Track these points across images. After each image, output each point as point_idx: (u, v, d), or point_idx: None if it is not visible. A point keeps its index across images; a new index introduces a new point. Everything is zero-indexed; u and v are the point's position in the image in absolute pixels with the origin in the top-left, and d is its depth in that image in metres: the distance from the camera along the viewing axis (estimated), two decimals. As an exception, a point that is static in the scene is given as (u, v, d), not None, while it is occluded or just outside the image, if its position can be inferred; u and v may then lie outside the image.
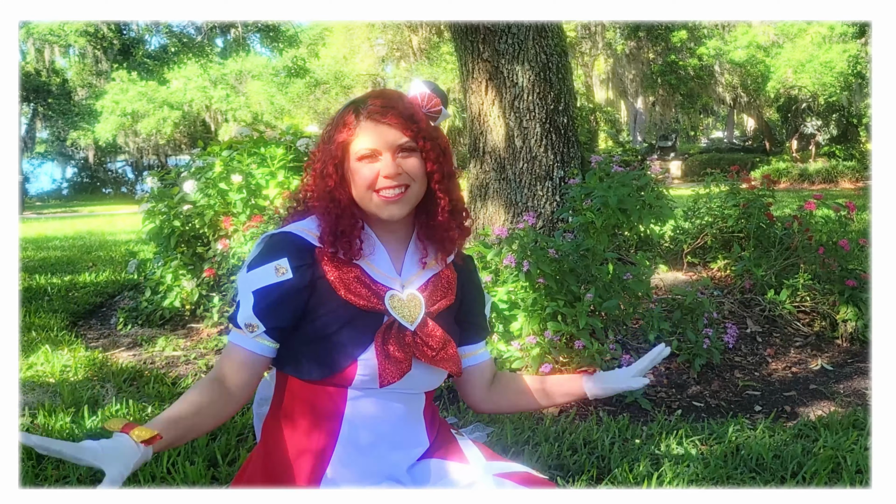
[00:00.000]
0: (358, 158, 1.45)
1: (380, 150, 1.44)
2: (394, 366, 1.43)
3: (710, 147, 34.49)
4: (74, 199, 34.18)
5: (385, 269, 1.51)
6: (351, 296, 1.44)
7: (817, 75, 23.33)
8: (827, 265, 4.21)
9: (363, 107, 1.47)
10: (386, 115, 1.45)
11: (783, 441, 2.62)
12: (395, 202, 1.45)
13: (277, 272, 1.42)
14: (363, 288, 1.46)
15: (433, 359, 1.48)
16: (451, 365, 1.52)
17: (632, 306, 3.55)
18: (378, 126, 1.45)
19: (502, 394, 1.72)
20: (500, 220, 4.45)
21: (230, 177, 4.38)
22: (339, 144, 1.46)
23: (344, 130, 1.46)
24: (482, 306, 1.72)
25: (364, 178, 1.45)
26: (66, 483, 2.27)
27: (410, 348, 1.46)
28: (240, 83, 30.74)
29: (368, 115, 1.45)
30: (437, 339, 1.50)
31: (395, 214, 1.47)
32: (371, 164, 1.45)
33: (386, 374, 1.43)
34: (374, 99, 1.49)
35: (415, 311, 1.50)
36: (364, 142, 1.45)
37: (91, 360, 3.69)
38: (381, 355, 1.42)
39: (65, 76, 34.61)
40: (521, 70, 4.36)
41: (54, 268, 7.33)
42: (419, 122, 1.48)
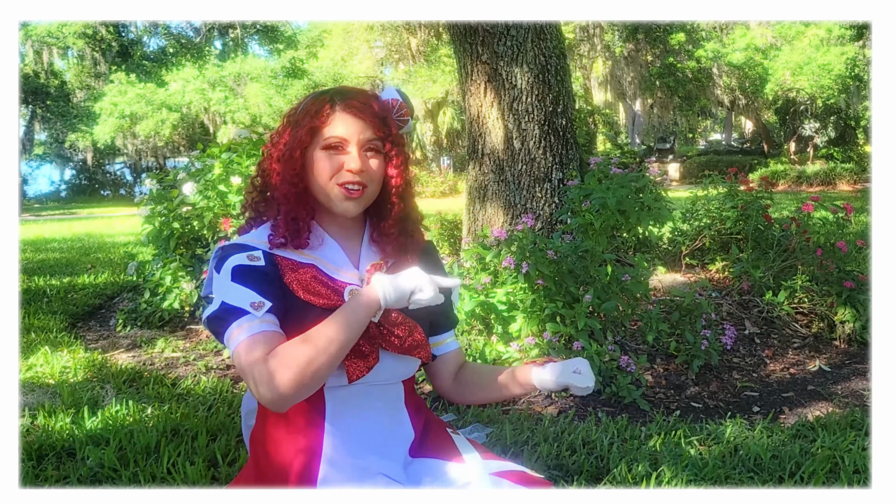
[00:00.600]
0: (324, 147, 1.46)
1: (349, 142, 1.46)
2: (360, 360, 1.43)
3: (709, 149, 34.54)
4: (73, 201, 34.18)
5: (340, 264, 1.52)
6: (310, 296, 1.45)
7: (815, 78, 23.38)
8: (825, 267, 4.22)
9: (340, 98, 1.48)
10: (363, 111, 1.47)
11: (781, 441, 2.63)
12: (353, 199, 1.47)
13: (251, 259, 1.42)
14: (321, 286, 1.47)
15: (400, 347, 1.49)
16: (420, 351, 1.53)
17: (630, 307, 3.56)
18: (353, 119, 1.46)
19: (464, 385, 1.71)
20: (498, 222, 4.46)
21: (229, 179, 4.38)
22: (308, 129, 1.46)
23: (316, 117, 1.46)
24: (448, 294, 1.72)
25: (327, 167, 1.45)
26: (67, 483, 2.27)
27: (376, 340, 1.46)
28: (238, 85, 30.74)
29: (345, 106, 1.47)
30: (402, 326, 1.51)
31: (351, 211, 1.49)
32: (336, 156, 1.46)
33: (353, 370, 1.43)
34: (351, 93, 1.51)
35: None
36: (335, 130, 1.46)
37: (90, 361, 3.69)
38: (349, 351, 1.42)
39: (63, 78, 34.59)
40: (519, 72, 4.38)
41: (53, 269, 7.33)
42: (390, 127, 1.51)
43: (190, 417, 2.78)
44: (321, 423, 1.47)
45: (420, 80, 25.98)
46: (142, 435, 2.55)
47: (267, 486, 1.47)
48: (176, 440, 2.56)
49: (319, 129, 1.46)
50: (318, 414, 1.47)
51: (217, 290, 1.42)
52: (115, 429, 2.63)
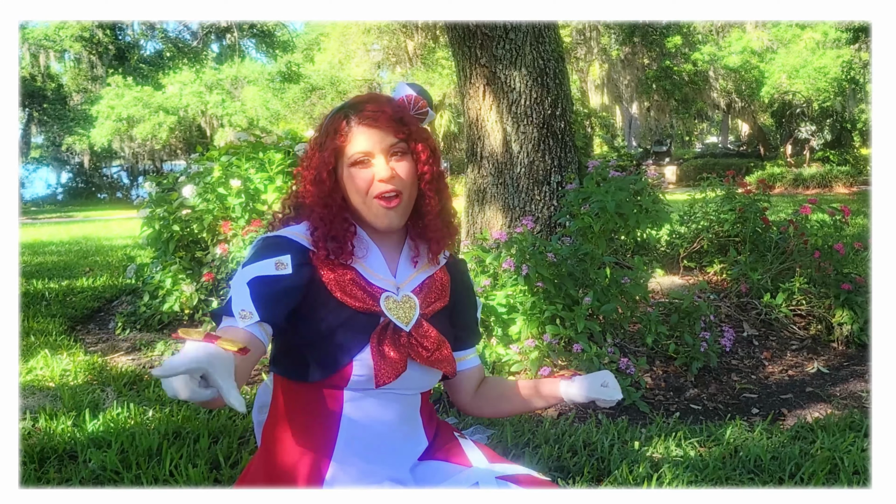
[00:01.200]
0: (351, 164, 1.46)
1: (373, 154, 1.46)
2: (389, 366, 1.44)
3: (705, 152, 34.59)
4: (70, 204, 34.11)
5: (380, 271, 1.53)
6: (346, 297, 1.46)
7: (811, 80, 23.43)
8: (822, 269, 4.24)
9: (354, 112, 1.48)
10: (378, 119, 1.46)
11: (781, 443, 2.64)
12: (393, 209, 1.47)
13: (277, 266, 1.42)
14: (358, 290, 1.47)
15: (428, 359, 1.50)
16: (446, 366, 1.54)
17: (629, 310, 3.58)
18: (370, 130, 1.46)
19: (486, 399, 1.73)
20: (497, 225, 4.47)
21: (229, 181, 4.39)
22: (331, 151, 1.47)
23: (337, 137, 1.47)
24: (474, 311, 1.74)
25: (360, 183, 1.46)
26: (69, 485, 2.27)
27: (406, 349, 1.47)
28: (235, 88, 30.74)
29: (360, 119, 1.47)
30: (432, 339, 1.51)
31: (394, 224, 1.49)
32: (365, 170, 1.46)
33: (382, 375, 1.43)
34: (364, 104, 1.50)
35: (410, 312, 1.51)
36: (358, 146, 1.46)
37: (90, 364, 3.70)
38: (377, 356, 1.43)
39: (60, 81, 34.55)
40: (518, 75, 4.39)
41: (51, 273, 7.33)
42: (409, 125, 1.50)
43: (191, 420, 2.79)
44: (336, 425, 1.47)
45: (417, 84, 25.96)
46: (143, 437, 2.55)
47: (275, 481, 1.48)
48: (178, 443, 2.56)
49: (342, 147, 1.47)
50: (334, 416, 1.47)
51: (235, 281, 1.40)
52: (116, 431, 2.64)
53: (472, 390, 1.73)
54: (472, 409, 1.75)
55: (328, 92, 27.07)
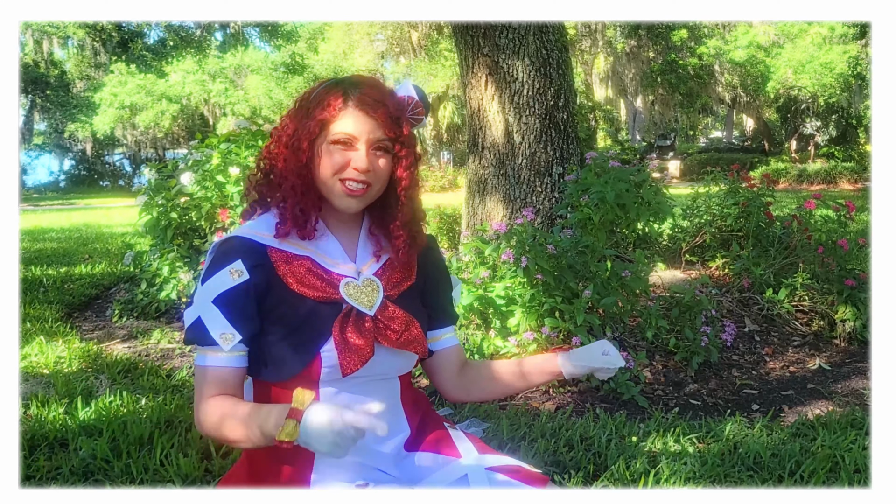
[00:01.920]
0: (333, 141, 1.42)
1: (358, 140, 1.42)
2: (354, 354, 1.41)
3: (709, 147, 34.50)
4: (72, 191, 34.12)
5: (337, 257, 1.50)
6: (304, 289, 1.43)
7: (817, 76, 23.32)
8: (826, 265, 4.20)
9: (354, 92, 1.43)
10: (376, 109, 1.42)
11: (781, 440, 2.61)
12: (355, 196, 1.44)
13: (232, 275, 1.39)
14: (315, 279, 1.44)
15: (397, 341, 1.47)
16: (417, 346, 1.50)
17: (630, 303, 3.54)
18: (365, 117, 1.42)
19: (474, 380, 1.69)
20: (498, 216, 4.43)
21: (227, 169, 4.35)
22: (318, 121, 1.42)
23: (327, 109, 1.42)
24: (448, 290, 1.70)
25: (333, 163, 1.42)
26: (58, 474, 2.24)
27: (371, 333, 1.44)
28: (238, 77, 30.68)
29: (358, 103, 1.42)
30: (399, 321, 1.48)
31: (352, 208, 1.46)
32: (344, 152, 1.42)
33: (346, 363, 1.40)
34: (365, 87, 1.45)
35: (373, 296, 1.48)
36: (345, 126, 1.41)
37: (86, 351, 3.67)
38: (340, 344, 1.40)
39: (63, 68, 34.53)
40: (521, 65, 4.34)
41: (50, 259, 7.31)
42: (402, 127, 1.47)
43: (184, 409, 2.76)
44: None
45: (421, 75, 25.93)
46: (135, 426, 2.52)
47: (260, 480, 1.44)
48: (169, 432, 2.53)
49: (329, 122, 1.42)
50: None
51: (198, 300, 1.41)
52: (108, 420, 2.61)
53: (454, 372, 1.68)
54: (458, 393, 1.71)
55: (332, 82, 26.96)
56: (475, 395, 1.74)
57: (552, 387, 3.16)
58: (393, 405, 1.54)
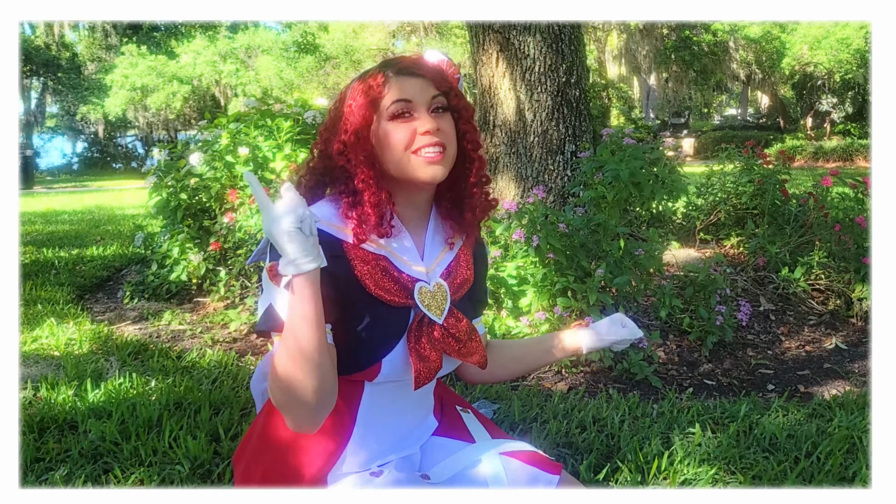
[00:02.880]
0: (390, 117, 1.34)
1: (414, 104, 1.34)
2: (426, 366, 1.35)
3: (724, 124, 34.20)
4: (84, 173, 34.22)
5: (410, 257, 1.42)
6: (380, 291, 1.34)
7: (833, 52, 23.05)
8: (842, 243, 4.13)
9: (391, 67, 1.38)
10: (419, 67, 1.37)
11: (797, 420, 2.57)
12: (436, 163, 1.34)
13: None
14: (391, 282, 1.36)
15: (459, 352, 1.41)
16: (478, 357, 1.45)
17: (643, 283, 3.49)
18: (410, 79, 1.35)
19: (497, 362, 1.64)
20: (510, 195, 4.38)
21: (237, 149, 4.32)
22: (368, 104, 1.35)
23: (372, 90, 1.35)
24: (485, 279, 1.66)
25: (400, 138, 1.33)
26: (68, 455, 2.24)
27: (440, 343, 1.38)
28: (249, 58, 30.60)
29: (398, 70, 1.36)
30: (462, 330, 1.42)
31: (438, 175, 1.36)
32: (406, 123, 1.34)
33: (421, 377, 1.35)
34: (400, 60, 1.40)
35: (442, 302, 1.42)
36: (397, 94, 1.34)
37: (96, 333, 3.66)
38: (416, 356, 1.34)
39: (74, 50, 34.56)
40: (532, 42, 4.28)
41: (62, 241, 7.32)
42: (449, 80, 1.41)
43: (193, 391, 2.74)
44: (353, 416, 1.41)
45: (432, 53, 25.77)
46: (144, 408, 2.51)
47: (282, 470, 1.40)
48: (178, 413, 2.52)
49: (379, 99, 1.34)
50: (352, 406, 1.41)
51: (268, 286, 1.29)
52: (117, 402, 2.60)
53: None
54: (481, 376, 1.66)
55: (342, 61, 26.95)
56: (499, 376, 1.71)
57: (564, 367, 3.13)
58: (427, 404, 1.54)
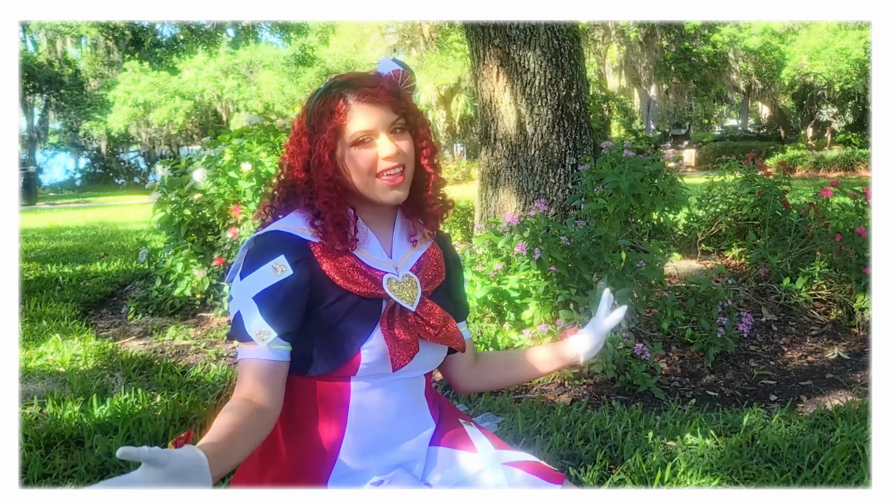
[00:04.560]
0: (353, 143, 1.41)
1: (376, 132, 1.41)
2: (403, 349, 1.41)
3: (724, 135, 34.22)
4: (87, 189, 34.27)
5: (377, 254, 1.49)
6: (349, 284, 1.41)
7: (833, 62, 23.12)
8: (844, 253, 4.14)
9: (350, 90, 1.42)
10: (378, 95, 1.42)
11: (799, 431, 2.58)
12: (397, 185, 1.43)
13: (276, 271, 1.36)
14: (359, 275, 1.43)
15: (436, 336, 1.46)
16: (456, 341, 1.51)
17: (645, 294, 3.51)
18: (371, 108, 1.41)
19: (489, 368, 1.70)
20: (511, 208, 4.41)
21: (240, 165, 4.35)
22: (331, 132, 1.41)
23: (334, 117, 1.41)
24: (462, 283, 1.71)
25: (363, 163, 1.41)
26: (74, 471, 2.25)
27: (415, 329, 1.44)
28: (251, 73, 30.73)
29: (359, 97, 1.41)
30: (437, 316, 1.48)
31: (400, 197, 1.45)
32: (368, 149, 1.41)
33: (397, 358, 1.40)
34: (358, 81, 1.45)
35: (412, 291, 1.48)
36: (359, 124, 1.40)
37: (101, 349, 3.68)
38: (390, 340, 1.40)
39: (77, 67, 34.69)
40: (532, 56, 4.31)
41: (66, 257, 7.35)
42: (406, 100, 1.46)
43: (198, 405, 2.76)
44: (343, 417, 1.43)
45: (432, 67, 25.87)
46: (150, 423, 2.53)
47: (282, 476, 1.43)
48: (184, 428, 2.53)
49: (341, 127, 1.41)
50: (342, 406, 1.43)
51: (237, 295, 1.38)
52: (123, 417, 2.61)
53: (469, 364, 1.69)
54: (471, 383, 1.71)
55: (344, 76, 26.96)
56: (490, 382, 1.75)
57: (567, 379, 3.14)
58: (419, 401, 1.54)
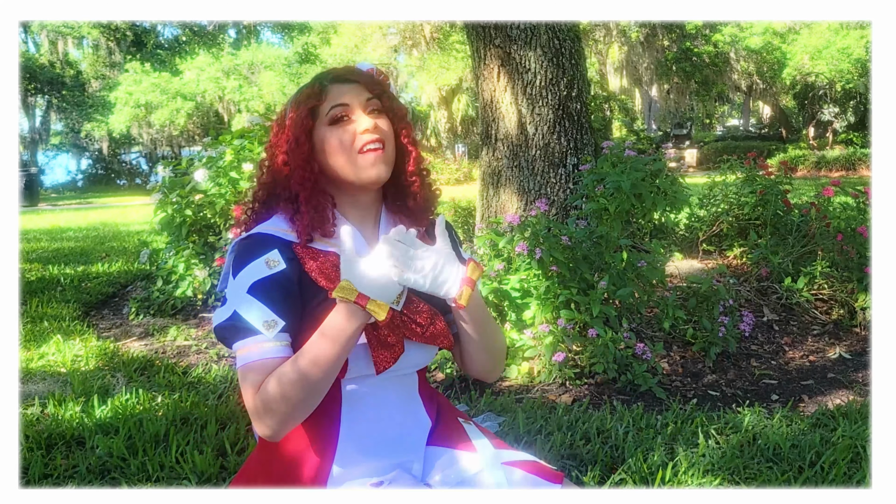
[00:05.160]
0: (330, 122, 1.42)
1: (352, 108, 1.43)
2: (387, 350, 1.39)
3: (726, 135, 34.19)
4: (89, 190, 34.29)
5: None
6: (332, 285, 1.38)
7: (834, 62, 23.10)
8: (845, 252, 4.14)
9: (326, 76, 1.47)
10: (352, 75, 1.46)
11: (801, 430, 2.58)
12: (379, 160, 1.42)
13: (269, 265, 1.35)
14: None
15: (423, 335, 1.45)
16: (442, 339, 1.48)
17: (646, 294, 3.51)
18: (346, 85, 1.44)
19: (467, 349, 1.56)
20: (512, 208, 4.41)
21: (241, 165, 4.36)
22: (308, 111, 1.42)
23: (310, 99, 1.43)
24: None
25: (342, 140, 1.41)
26: (76, 472, 2.25)
27: (400, 329, 1.42)
28: (252, 73, 30.74)
29: (333, 79, 1.45)
30: (425, 315, 1.46)
31: (382, 174, 1.43)
32: (345, 126, 1.42)
33: (381, 361, 1.38)
34: (334, 69, 1.50)
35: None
36: (335, 99, 1.42)
37: (102, 349, 3.68)
38: (374, 341, 1.38)
39: (78, 68, 34.69)
40: (533, 56, 4.31)
41: (68, 258, 7.36)
42: (381, 84, 1.49)
43: (200, 406, 2.76)
44: (337, 417, 1.43)
45: (434, 67, 25.87)
46: (151, 423, 2.53)
47: (275, 477, 1.43)
48: (185, 429, 2.53)
49: (318, 106, 1.43)
50: (334, 407, 1.43)
51: (231, 295, 1.35)
52: (124, 418, 2.62)
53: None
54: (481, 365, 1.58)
55: (345, 77, 26.95)
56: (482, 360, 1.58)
57: (568, 379, 3.14)
58: (412, 399, 1.53)
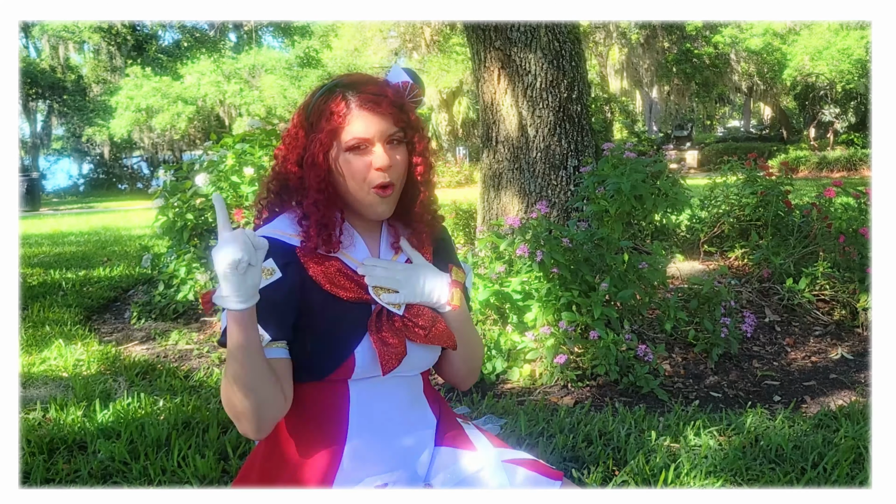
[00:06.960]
0: (348, 148, 1.40)
1: (373, 141, 1.40)
2: (391, 352, 1.41)
3: (727, 136, 34.19)
4: (90, 195, 34.30)
5: (362, 259, 1.49)
6: (337, 289, 1.42)
7: (834, 62, 23.08)
8: (847, 253, 4.14)
9: (353, 93, 1.41)
10: (380, 104, 1.40)
11: (803, 431, 2.57)
12: (386, 200, 1.43)
13: (264, 275, 1.35)
14: (346, 280, 1.44)
15: (426, 337, 1.47)
16: (446, 340, 1.50)
17: (648, 296, 3.50)
18: (371, 116, 1.40)
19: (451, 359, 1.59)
20: (513, 210, 4.41)
21: (242, 169, 4.36)
22: (327, 132, 1.40)
23: (333, 118, 1.40)
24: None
25: (356, 171, 1.40)
26: (77, 476, 2.25)
27: (402, 332, 1.44)
28: (253, 77, 30.76)
29: (361, 102, 1.40)
30: (426, 317, 1.48)
31: (385, 215, 1.46)
32: (362, 156, 1.40)
33: (387, 361, 1.40)
34: (363, 85, 1.43)
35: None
36: (356, 130, 1.39)
37: (104, 354, 3.69)
38: (379, 343, 1.40)
39: (79, 72, 34.72)
40: (533, 58, 4.31)
41: (69, 263, 7.36)
42: (408, 113, 1.45)
43: (201, 410, 2.76)
44: (345, 418, 1.44)
45: (434, 70, 25.87)
46: (153, 428, 2.53)
47: (285, 481, 1.43)
48: (187, 433, 2.53)
49: (339, 130, 1.40)
50: (342, 408, 1.44)
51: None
52: (126, 422, 2.62)
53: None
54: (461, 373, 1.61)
55: (345, 80, 26.97)
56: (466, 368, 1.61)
57: (570, 381, 3.14)
58: (418, 400, 1.55)
